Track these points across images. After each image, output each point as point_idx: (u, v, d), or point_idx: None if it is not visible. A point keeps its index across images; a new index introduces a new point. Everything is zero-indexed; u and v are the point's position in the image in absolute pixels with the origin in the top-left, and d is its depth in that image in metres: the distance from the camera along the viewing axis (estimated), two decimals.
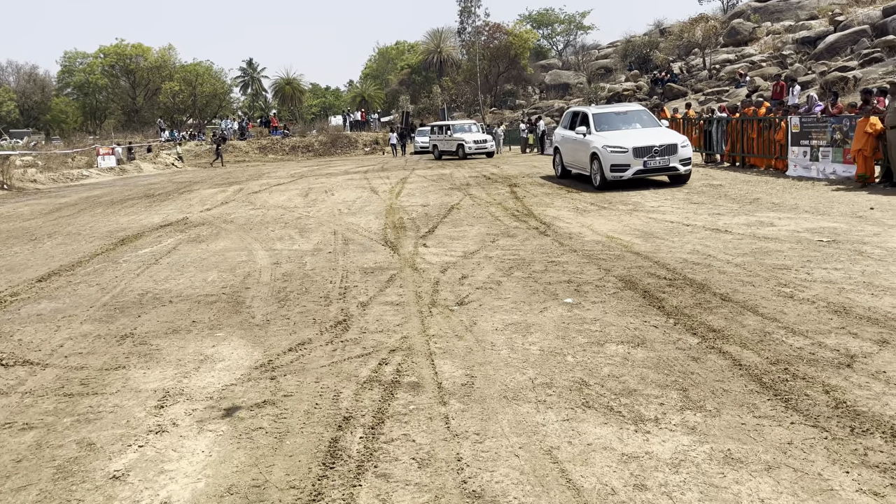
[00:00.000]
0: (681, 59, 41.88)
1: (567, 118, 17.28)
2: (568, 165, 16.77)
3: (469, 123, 32.91)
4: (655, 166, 13.87)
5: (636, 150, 13.81)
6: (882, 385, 3.95)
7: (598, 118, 15.41)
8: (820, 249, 7.60)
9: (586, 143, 14.95)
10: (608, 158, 14.00)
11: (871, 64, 26.25)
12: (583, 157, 15.25)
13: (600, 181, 14.31)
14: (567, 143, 16.49)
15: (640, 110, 16.21)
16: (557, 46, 67.65)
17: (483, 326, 5.54)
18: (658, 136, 14.27)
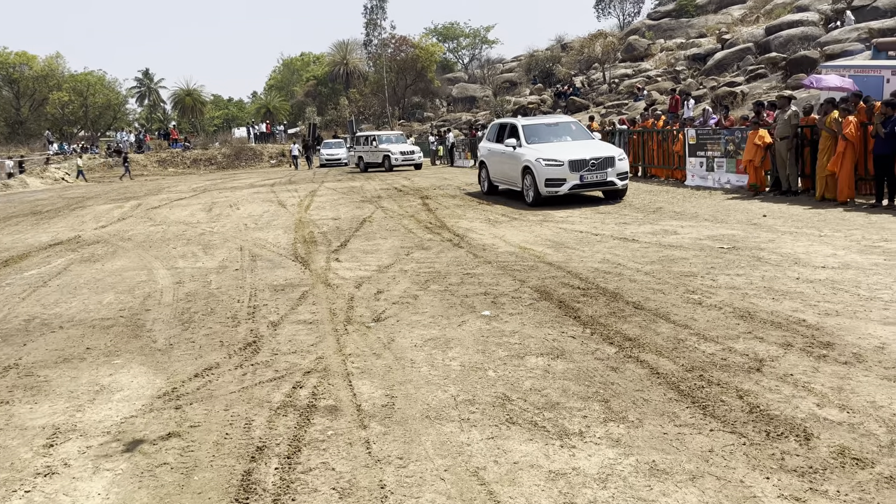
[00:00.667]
0: (582, 74, 43.26)
1: (493, 130, 16.23)
2: (496, 180, 15.74)
3: (396, 134, 32.02)
4: (592, 181, 13.02)
5: (572, 163, 12.88)
6: (791, 388, 4.07)
7: (529, 130, 14.46)
8: (722, 256, 7.89)
9: (517, 156, 13.98)
10: (542, 172, 13.05)
11: (756, 79, 27.90)
12: (513, 172, 14.32)
13: (534, 197, 13.37)
14: (494, 156, 15.52)
15: (570, 121, 15.46)
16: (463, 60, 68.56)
17: (401, 343, 5.40)
18: (593, 148, 13.51)
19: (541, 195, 13.15)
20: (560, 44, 52.12)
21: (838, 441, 3.38)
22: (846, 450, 3.29)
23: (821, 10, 31.88)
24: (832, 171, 11.27)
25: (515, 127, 14.68)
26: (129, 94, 65.84)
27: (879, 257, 7.28)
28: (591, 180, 13.00)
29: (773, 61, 28.50)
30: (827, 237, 8.58)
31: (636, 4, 57.11)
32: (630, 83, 36.41)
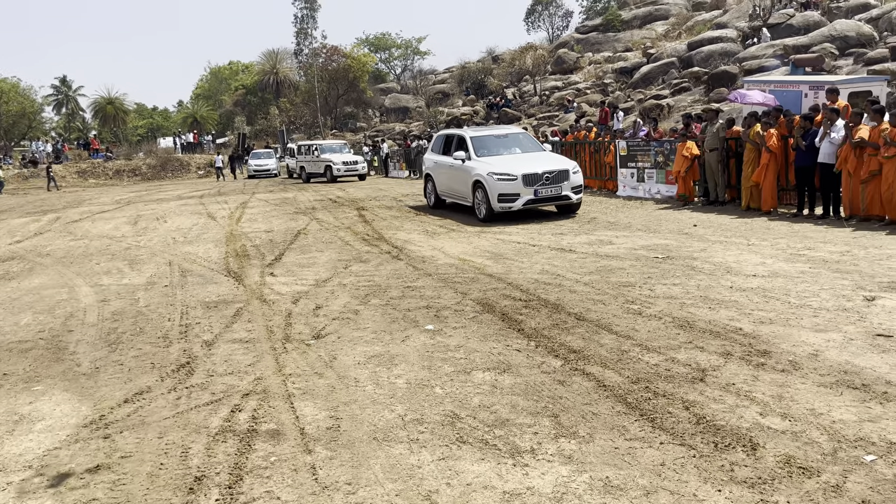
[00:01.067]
0: (513, 86, 43.83)
1: (439, 142, 15.40)
2: (443, 194, 14.95)
3: (339, 143, 30.83)
4: (547, 195, 12.40)
5: (526, 177, 12.24)
6: (734, 397, 4.13)
7: (478, 142, 13.70)
8: (657, 266, 8.04)
9: (466, 170, 13.30)
10: (495, 187, 12.35)
11: (681, 93, 28.85)
12: (462, 186, 13.67)
13: (486, 213, 12.67)
14: (441, 169, 14.75)
15: (519, 133, 14.93)
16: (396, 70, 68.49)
17: (344, 361, 5.25)
18: (546, 161, 12.92)
19: (494, 211, 12.52)
20: (491, 56, 52.72)
21: (783, 450, 3.44)
22: (792, 459, 3.34)
23: (739, 28, 33.26)
24: (756, 181, 11.69)
25: (463, 139, 13.94)
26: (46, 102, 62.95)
27: (805, 265, 7.55)
28: (545, 195, 12.41)
29: (696, 75, 29.53)
30: (755, 246, 8.87)
31: (564, 18, 58.46)
32: (560, 95, 37.08)
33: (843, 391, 4.11)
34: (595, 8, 55.54)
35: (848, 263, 7.49)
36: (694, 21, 39.23)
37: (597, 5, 55.90)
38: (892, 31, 25.73)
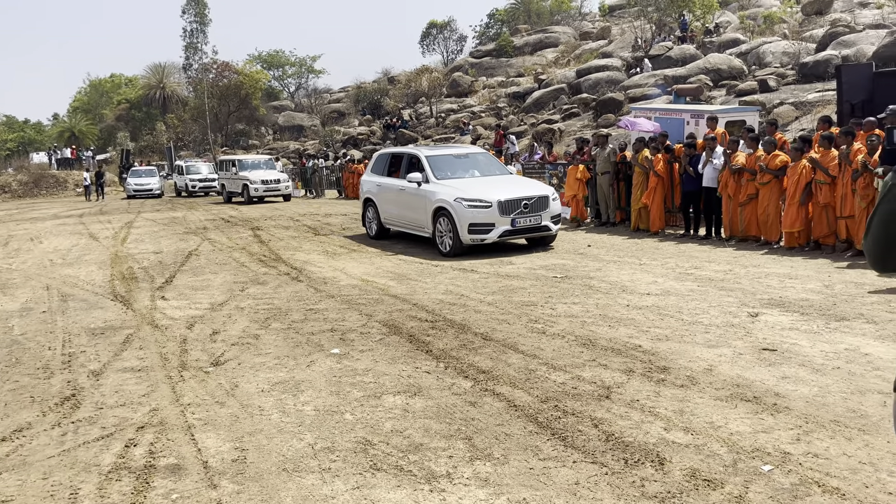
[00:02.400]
0: (410, 107, 44.18)
1: (381, 162, 13.46)
2: (389, 222, 12.91)
3: (262, 159, 27.40)
4: (525, 225, 10.79)
5: (503, 204, 10.58)
6: (639, 413, 4.26)
7: (436, 162, 11.89)
8: (556, 285, 8.25)
9: (424, 194, 11.45)
10: (465, 216, 10.58)
11: (571, 118, 30.02)
12: (416, 214, 11.75)
13: (453, 246, 10.82)
14: (388, 194, 12.71)
15: (479, 153, 13.45)
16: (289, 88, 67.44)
17: (246, 388, 5.03)
18: (521, 186, 11.45)
19: (462, 243, 10.70)
20: (387, 77, 52.94)
21: (689, 464, 3.57)
22: (697, 472, 3.47)
23: (623, 57, 35.08)
24: (645, 203, 12.28)
25: (417, 158, 12.08)
26: None
27: (693, 283, 7.97)
28: (523, 225, 10.77)
29: (585, 101, 30.84)
30: (646, 265, 9.28)
31: (459, 42, 59.59)
32: (456, 118, 37.70)
33: (738, 404, 4.33)
34: (488, 34, 57.03)
35: (731, 282, 7.96)
36: (582, 49, 41.02)
37: (489, 31, 57.44)
38: (759, 64, 27.88)
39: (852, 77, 10.64)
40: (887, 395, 4.33)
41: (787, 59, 27.30)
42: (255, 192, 24.43)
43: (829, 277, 7.92)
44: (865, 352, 5.21)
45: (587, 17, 54.07)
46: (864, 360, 5.02)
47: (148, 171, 35.41)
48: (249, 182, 24.55)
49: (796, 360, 5.11)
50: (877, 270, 2.10)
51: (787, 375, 4.79)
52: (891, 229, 1.91)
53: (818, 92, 22.14)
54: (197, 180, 32.11)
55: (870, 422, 3.96)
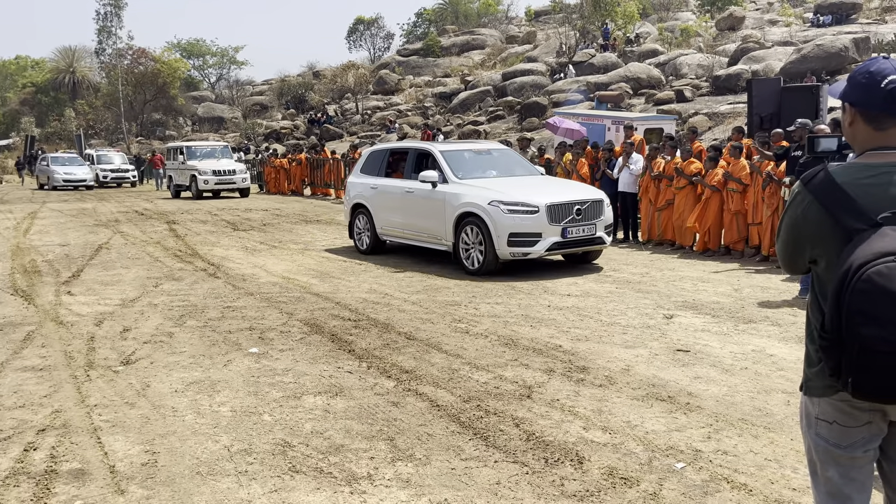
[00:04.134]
0: (335, 103, 43.69)
1: (376, 159, 11.07)
2: (387, 234, 10.52)
3: (217, 146, 24.18)
4: (578, 236, 8.79)
5: (552, 209, 8.58)
6: (559, 413, 4.32)
7: (455, 159, 9.80)
8: (480, 285, 8.29)
9: (441, 198, 9.31)
10: (504, 223, 8.50)
11: (496, 120, 30.39)
12: (431, 222, 9.59)
13: (485, 262, 8.71)
14: (387, 198, 10.41)
15: (502, 149, 11.22)
16: (210, 79, 65.53)
17: (159, 389, 4.82)
18: (569, 188, 9.55)
19: (498, 259, 8.64)
20: (312, 71, 52.17)
21: (606, 462, 3.64)
22: (614, 470, 3.54)
23: (547, 63, 35.77)
24: None
25: (430, 154, 9.99)
26: None
27: (612, 286, 8.17)
28: (576, 236, 8.78)
29: (510, 104, 31.27)
30: (566, 267, 9.45)
31: (386, 40, 59.37)
32: (382, 115, 37.52)
33: (653, 403, 4.46)
34: (415, 32, 57.09)
35: (648, 284, 8.21)
36: (507, 53, 41.59)
37: (417, 30, 57.50)
38: (676, 75, 28.96)
39: (762, 91, 11.19)
40: (791, 394, 4.55)
41: (702, 71, 28.48)
42: (204, 184, 21.59)
43: (739, 282, 8.28)
44: (770, 353, 5.46)
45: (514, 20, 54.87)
46: (769, 361, 5.26)
47: (71, 159, 31.64)
48: (199, 173, 21.56)
49: (707, 360, 5.31)
50: (787, 272, 2.20)
51: (699, 375, 4.96)
52: (796, 233, 2.02)
53: (730, 104, 23.19)
54: (109, 170, 30.73)
55: (774, 420, 4.15)
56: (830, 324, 1.83)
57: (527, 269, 9.15)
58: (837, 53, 23.37)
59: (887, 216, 1.82)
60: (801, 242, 2.02)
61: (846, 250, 1.84)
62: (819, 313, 1.97)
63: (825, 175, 1.95)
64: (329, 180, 22.08)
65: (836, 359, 1.83)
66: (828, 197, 1.92)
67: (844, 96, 2.01)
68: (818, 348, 1.94)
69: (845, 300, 1.77)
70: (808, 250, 2.00)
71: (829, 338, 1.84)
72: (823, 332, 1.87)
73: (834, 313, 1.81)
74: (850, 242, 1.84)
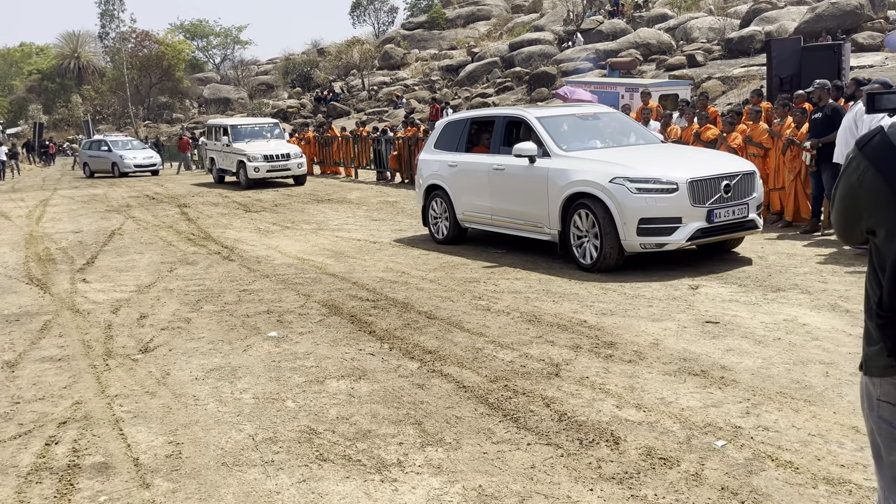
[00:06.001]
0: (341, 79, 43.31)
1: (453, 132, 9.47)
2: (471, 220, 8.99)
3: (265, 123, 21.20)
4: (728, 220, 7.05)
5: (695, 186, 6.87)
6: (590, 391, 4.20)
7: (556, 126, 8.14)
8: (498, 259, 8.15)
9: (543, 175, 7.68)
10: (633, 206, 6.85)
11: (504, 91, 29.98)
12: (530, 206, 7.96)
13: (604, 254, 7.10)
14: (470, 177, 8.85)
15: (611, 112, 9.43)
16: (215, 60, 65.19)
17: (179, 377, 4.73)
18: (709, 158, 7.70)
19: (623, 251, 7.08)
20: (317, 48, 51.74)
21: (643, 442, 3.52)
22: (652, 450, 3.42)
23: (555, 31, 35.20)
24: None
25: (523, 121, 8.36)
26: None
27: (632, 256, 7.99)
28: (725, 220, 7.03)
29: (518, 75, 30.84)
30: None
31: (390, 14, 58.71)
32: (389, 91, 37.18)
33: (686, 378, 4.32)
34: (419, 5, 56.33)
35: (669, 254, 8.01)
36: (514, 23, 40.98)
37: (421, 3, 56.74)
38: (686, 40, 28.42)
39: (781, 52, 10.88)
40: (828, 364, 4.40)
41: (713, 34, 27.92)
42: (255, 172, 17.99)
43: (762, 249, 8.09)
44: (803, 322, 5.30)
45: None
46: (802, 331, 5.10)
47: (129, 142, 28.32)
48: (248, 159, 18.05)
49: (738, 332, 5.16)
50: (844, 243, 2.05)
51: (732, 348, 4.82)
52: (851, 202, 1.86)
53: (743, 67, 22.74)
54: None
55: (815, 392, 4.01)
56: (889, 300, 1.69)
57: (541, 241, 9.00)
58: (853, 11, 22.79)
59: None
60: (856, 212, 1.86)
61: None
62: (878, 287, 1.82)
63: (882, 137, 1.79)
64: (338, 158, 21.89)
65: (894, 338, 1.69)
66: (886, 162, 1.76)
67: None
68: (876, 326, 1.79)
69: None
70: (865, 220, 1.84)
71: (887, 315, 1.70)
72: (881, 309, 1.73)
73: (892, 289, 1.67)
74: None
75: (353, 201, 15.04)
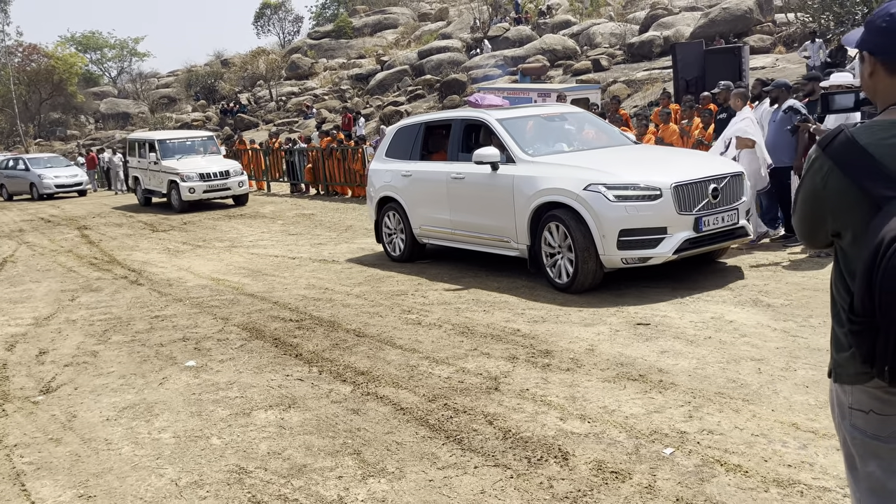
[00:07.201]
0: (247, 91, 42.20)
1: (406, 139, 8.65)
2: (429, 234, 8.23)
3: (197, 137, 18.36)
4: (716, 228, 6.38)
5: (680, 191, 6.17)
6: (531, 404, 4.08)
7: (519, 129, 7.44)
8: (424, 270, 7.98)
9: (508, 183, 6.94)
10: (612, 216, 6.11)
11: (416, 99, 29.90)
12: (494, 218, 7.19)
13: (582, 272, 6.31)
14: (428, 188, 8.06)
15: (578, 111, 8.66)
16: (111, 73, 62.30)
17: (87, 418, 4.32)
18: (695, 159, 7.05)
19: (602, 266, 6.33)
20: (220, 60, 50.26)
21: (592, 455, 3.42)
22: (602, 464, 3.33)
23: (462, 39, 35.46)
24: None
25: (483, 126, 7.75)
26: None
27: None
28: (714, 228, 6.35)
29: (429, 83, 30.85)
30: None
31: (295, 24, 57.81)
32: (298, 101, 36.47)
33: (626, 384, 4.27)
34: (325, 14, 55.69)
35: None
36: (421, 31, 41.06)
37: (326, 12, 56.11)
38: (590, 45, 29.19)
39: (686, 55, 11.24)
40: (759, 361, 4.46)
41: (615, 39, 28.81)
42: (190, 193, 15.66)
43: None
44: (730, 319, 5.38)
45: None
46: (730, 328, 5.17)
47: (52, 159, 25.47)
48: (181, 179, 15.74)
49: (670, 332, 5.18)
50: (807, 246, 1.99)
51: (665, 349, 4.82)
52: (816, 205, 1.79)
53: (646, 70, 23.51)
54: None
55: (750, 391, 4.03)
56: (861, 306, 1.61)
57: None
58: (743, 16, 23.98)
59: None
60: (820, 215, 1.79)
61: (875, 222, 1.62)
62: (846, 293, 1.75)
63: (846, 137, 1.72)
64: (248, 171, 21.19)
65: (868, 344, 1.62)
66: (851, 162, 1.69)
67: (862, 44, 1.78)
68: (847, 332, 1.73)
69: (878, 279, 1.56)
70: (830, 223, 1.78)
71: (859, 321, 1.63)
72: (853, 314, 1.65)
73: (865, 294, 1.59)
74: (880, 213, 1.62)
75: (267, 215, 14.56)
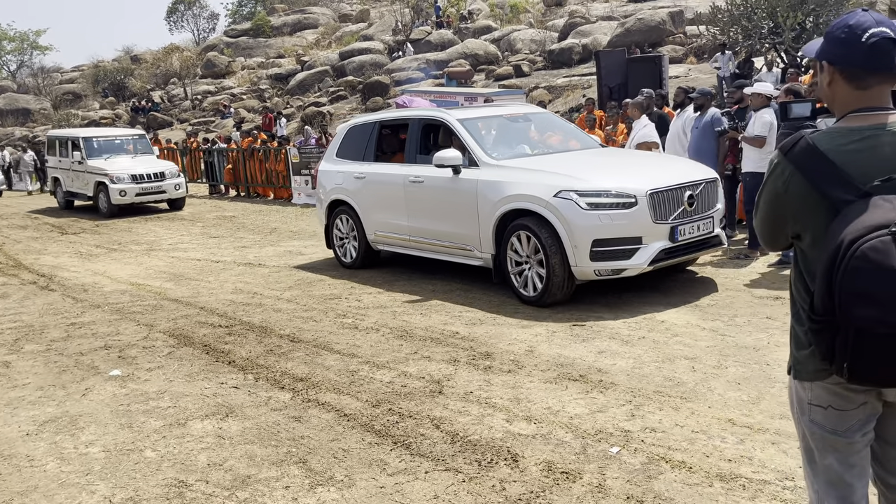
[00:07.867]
0: (160, 88, 40.66)
1: (359, 138, 8.11)
2: (382, 240, 7.78)
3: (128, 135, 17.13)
4: (692, 238, 6.07)
5: (655, 198, 5.85)
6: (477, 406, 4.08)
7: (482, 131, 7.09)
8: (356, 274, 7.87)
9: (472, 188, 6.51)
10: (584, 225, 5.74)
11: (338, 101, 29.57)
12: (456, 225, 6.77)
13: (553, 284, 5.93)
14: (384, 190, 7.56)
15: (541, 112, 8.32)
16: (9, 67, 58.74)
17: (5, 434, 4.03)
18: (668, 164, 6.83)
19: (574, 280, 6.00)
20: (130, 55, 48.20)
21: (542, 456, 3.44)
22: (552, 464, 3.35)
23: (384, 41, 35.32)
24: None
25: (443, 126, 7.21)
26: None
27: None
28: (690, 237, 6.04)
29: (351, 84, 30.58)
30: None
31: (210, 20, 56.12)
32: (215, 100, 35.41)
33: (567, 384, 4.33)
34: (241, 12, 54.34)
35: None
36: (342, 32, 40.65)
37: (243, 9, 54.76)
38: (511, 51, 29.64)
39: (609, 63, 11.56)
40: (692, 359, 4.61)
41: (535, 46, 29.36)
42: (121, 196, 14.39)
43: None
44: (661, 319, 5.55)
45: None
46: (662, 328, 5.33)
47: None
48: (111, 181, 14.41)
49: (605, 332, 5.29)
50: (767, 248, 2.06)
51: (602, 350, 4.92)
52: (777, 208, 1.87)
53: (566, 77, 24.07)
54: None
55: (687, 388, 4.16)
56: (821, 305, 1.68)
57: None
58: (657, 27, 24.91)
59: (877, 185, 1.69)
60: (781, 217, 1.87)
61: (834, 225, 1.70)
62: (806, 293, 1.83)
63: (805, 142, 1.80)
64: None
65: (828, 342, 1.69)
66: (811, 167, 1.77)
67: (821, 54, 1.86)
68: (807, 330, 1.80)
69: (837, 280, 1.63)
70: (791, 225, 1.86)
71: (819, 320, 1.70)
72: (813, 313, 1.72)
73: (825, 294, 1.66)
74: (839, 216, 1.70)
75: (185, 217, 14.05)
